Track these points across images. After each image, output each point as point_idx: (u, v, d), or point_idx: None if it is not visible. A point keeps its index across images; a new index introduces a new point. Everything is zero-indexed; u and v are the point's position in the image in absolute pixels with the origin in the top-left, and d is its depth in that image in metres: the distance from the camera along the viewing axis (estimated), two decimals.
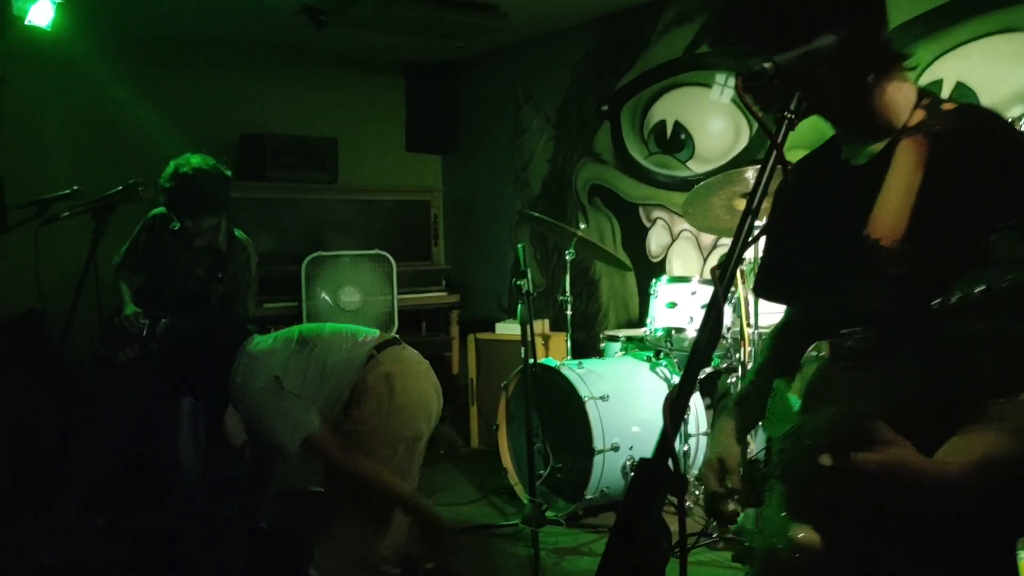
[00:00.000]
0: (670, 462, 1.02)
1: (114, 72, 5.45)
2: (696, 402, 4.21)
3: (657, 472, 1.02)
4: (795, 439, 1.22)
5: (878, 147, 1.31)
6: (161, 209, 3.67)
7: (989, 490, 1.11)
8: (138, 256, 3.73)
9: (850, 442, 1.07)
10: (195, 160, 3.57)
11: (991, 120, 1.27)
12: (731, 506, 1.42)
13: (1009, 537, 1.27)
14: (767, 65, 1.18)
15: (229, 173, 3.67)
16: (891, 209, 1.24)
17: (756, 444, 1.48)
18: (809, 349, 1.26)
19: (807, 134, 4.53)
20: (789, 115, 1.21)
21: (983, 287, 0.86)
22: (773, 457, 1.34)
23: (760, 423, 1.49)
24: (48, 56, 5.18)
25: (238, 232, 3.77)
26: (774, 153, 1.19)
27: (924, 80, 4.27)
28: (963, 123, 1.25)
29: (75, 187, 3.23)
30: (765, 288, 1.64)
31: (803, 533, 1.17)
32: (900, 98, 1.31)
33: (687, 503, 4.03)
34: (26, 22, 4.37)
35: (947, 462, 1.09)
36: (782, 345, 1.60)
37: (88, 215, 3.03)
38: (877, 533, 1.22)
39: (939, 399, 0.93)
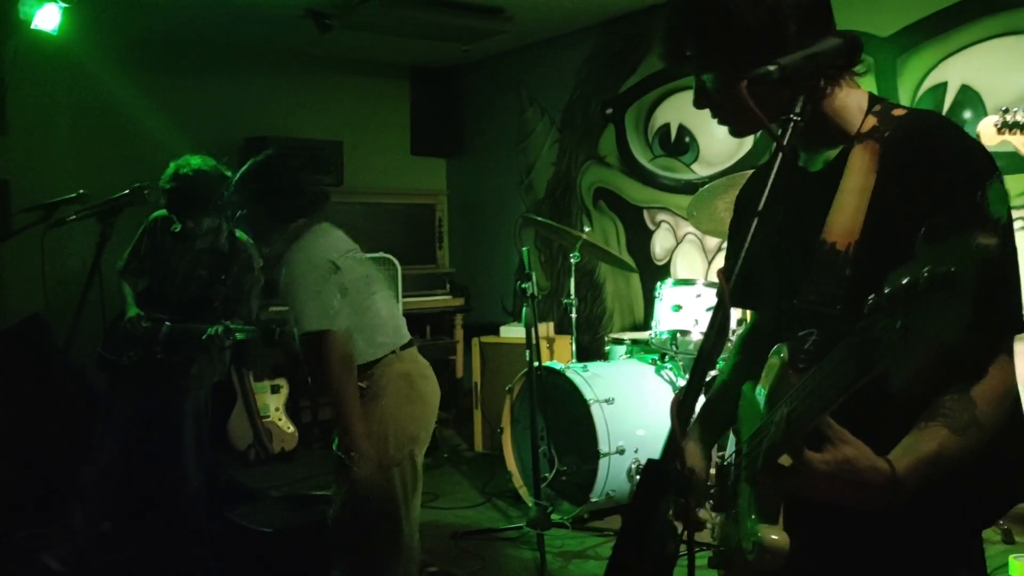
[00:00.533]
0: (677, 463, 1.01)
1: (119, 76, 5.47)
2: (701, 404, 4.20)
3: (664, 473, 1.02)
4: (758, 441, 1.23)
5: (832, 154, 1.33)
6: (162, 212, 3.67)
7: (940, 486, 1.12)
8: (140, 260, 3.73)
9: (803, 441, 1.08)
10: (195, 161, 3.58)
11: (940, 124, 1.29)
12: (700, 514, 1.45)
13: (971, 529, 1.29)
14: (771, 68, 1.18)
15: (229, 173, 3.66)
16: (846, 213, 1.26)
17: (729, 448, 1.48)
18: (771, 352, 1.27)
19: None
20: (795, 117, 1.22)
21: (906, 279, 0.87)
22: (742, 460, 1.35)
23: (730, 430, 1.49)
24: (54, 60, 5.20)
25: (240, 233, 3.76)
26: (780, 156, 1.20)
27: (929, 83, 4.27)
28: (913, 128, 1.27)
29: (81, 191, 3.23)
30: (730, 295, 1.63)
31: (772, 534, 1.17)
32: (851, 104, 1.32)
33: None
34: (32, 26, 4.39)
35: (893, 459, 1.10)
36: (748, 351, 1.61)
37: (94, 219, 3.03)
38: (839, 531, 1.23)
39: (877, 396, 0.92)
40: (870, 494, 1.09)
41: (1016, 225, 3.58)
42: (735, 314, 4.07)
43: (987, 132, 3.18)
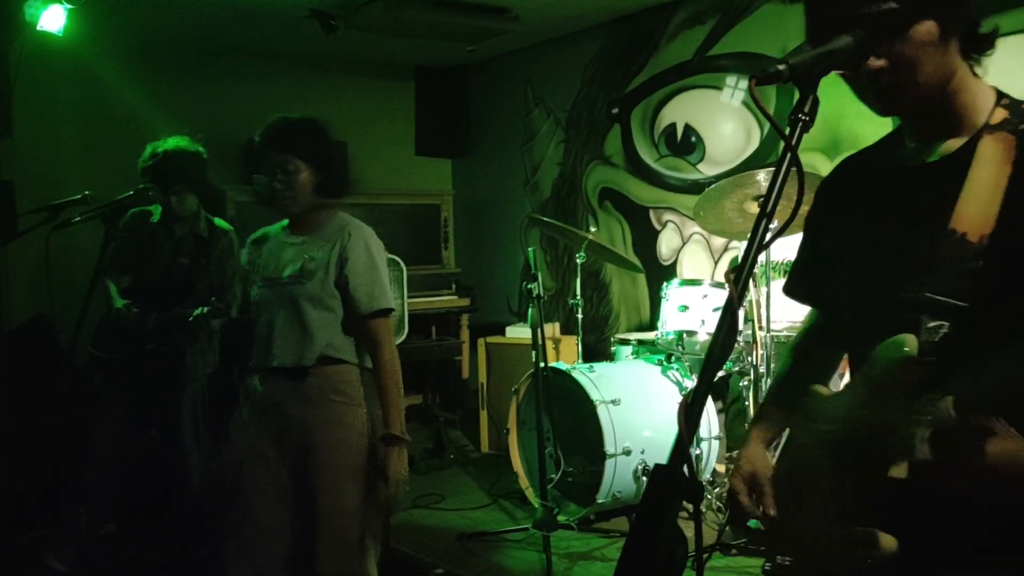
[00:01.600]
0: (685, 468, 1.00)
1: (124, 77, 5.47)
2: (708, 406, 4.19)
3: (673, 478, 1.01)
4: (862, 438, 1.20)
5: (955, 144, 1.30)
6: (137, 208, 3.69)
7: None
8: (122, 257, 3.72)
9: (954, 436, 1.05)
10: (171, 140, 3.65)
11: None
12: (753, 522, 1.43)
13: None
14: (781, 67, 1.17)
15: (203, 150, 3.74)
16: (978, 204, 1.22)
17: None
18: (885, 342, 1.22)
19: (821, 132, 4.47)
20: (803, 117, 1.19)
21: None
22: (821, 459, 1.32)
23: (786, 431, 1.47)
24: (59, 61, 5.20)
25: (218, 220, 3.81)
26: (788, 155, 1.18)
27: None
28: None
29: (86, 192, 3.23)
30: (800, 288, 1.61)
31: (880, 536, 1.15)
32: (980, 96, 1.30)
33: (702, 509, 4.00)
34: (38, 28, 4.39)
35: None
36: (809, 356, 1.59)
37: (99, 220, 3.03)
38: (963, 534, 1.20)
39: None
40: None
41: None
42: (740, 316, 4.06)
43: None
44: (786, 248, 4.42)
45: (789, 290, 1.62)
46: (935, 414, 1.09)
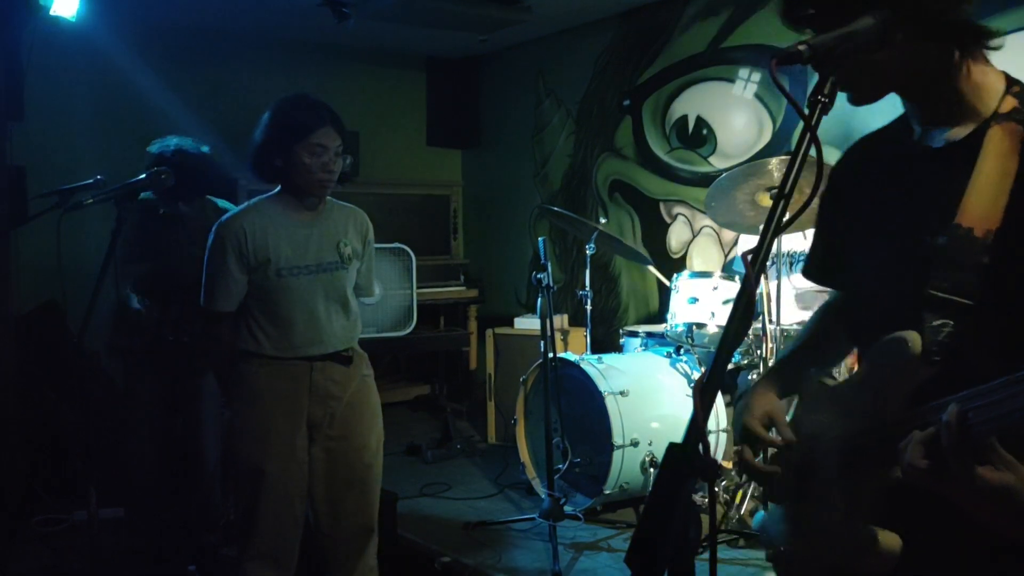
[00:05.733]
0: (700, 447, 1.00)
1: (137, 63, 5.47)
2: (717, 399, 4.18)
3: (687, 456, 1.00)
4: (878, 433, 1.17)
5: (961, 132, 1.26)
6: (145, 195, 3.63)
7: None
8: (132, 248, 3.64)
9: (948, 449, 1.01)
10: (173, 141, 3.56)
11: None
12: (768, 465, 1.42)
13: None
14: (802, 48, 1.16)
15: (207, 149, 3.66)
16: (984, 198, 1.18)
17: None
18: (889, 338, 1.20)
19: (834, 126, 4.45)
20: (823, 99, 1.18)
21: None
22: (828, 452, 1.30)
23: (792, 401, 1.45)
24: (72, 46, 5.20)
25: (223, 202, 3.71)
26: (808, 137, 1.17)
27: None
28: None
29: (98, 176, 3.23)
30: (817, 270, 1.58)
31: (888, 537, 1.13)
32: (988, 83, 1.26)
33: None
34: (51, 12, 4.39)
35: None
36: (827, 327, 1.56)
37: (111, 203, 3.02)
38: (970, 534, 1.14)
39: None
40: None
41: None
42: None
43: None
44: (795, 241, 4.40)
45: (806, 271, 1.60)
46: (933, 421, 1.06)
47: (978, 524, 1.06)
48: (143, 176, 3.13)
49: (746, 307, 1.10)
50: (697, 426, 1.01)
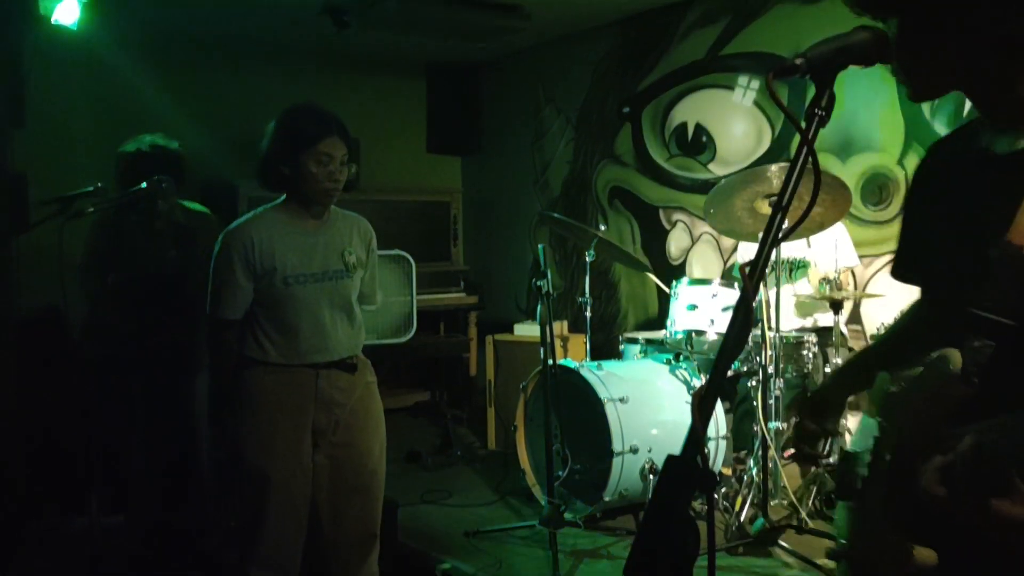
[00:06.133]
0: (699, 458, 1.00)
1: (137, 70, 5.49)
2: (716, 406, 4.18)
3: (686, 467, 1.01)
4: (911, 450, 1.15)
5: (1022, 142, 1.20)
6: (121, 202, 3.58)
7: None
8: (101, 256, 3.60)
9: (987, 481, 0.98)
10: (148, 138, 3.54)
11: None
12: (816, 447, 1.43)
13: None
14: (798, 61, 1.17)
15: (177, 144, 3.63)
16: None
17: (855, 432, 1.40)
18: (934, 355, 1.17)
19: (832, 134, 4.45)
20: (820, 112, 1.19)
21: None
22: (880, 460, 1.28)
23: (862, 395, 1.42)
24: (73, 54, 5.21)
25: (193, 204, 3.67)
26: (804, 149, 1.18)
27: None
28: None
29: (98, 183, 3.24)
30: (897, 268, 1.52)
31: (922, 552, 1.12)
32: None
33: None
34: (52, 21, 4.41)
35: None
36: (908, 330, 1.52)
37: (113, 211, 3.04)
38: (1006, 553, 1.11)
39: None
40: None
41: None
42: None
43: None
44: (795, 248, 4.42)
45: (892, 271, 1.54)
46: (954, 448, 1.03)
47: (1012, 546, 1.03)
48: (143, 185, 3.14)
49: (744, 319, 1.11)
50: (696, 437, 1.02)
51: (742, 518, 3.75)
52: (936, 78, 1.23)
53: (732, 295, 4.15)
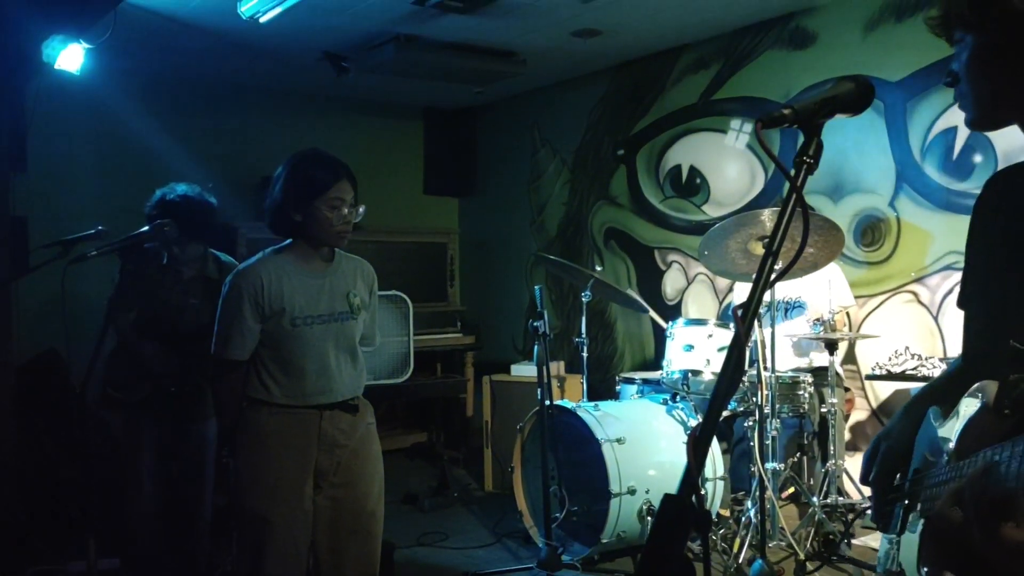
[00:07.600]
0: (694, 499, 1.02)
1: (140, 115, 5.57)
2: (713, 447, 4.19)
3: (682, 508, 1.03)
4: (937, 479, 1.15)
5: None
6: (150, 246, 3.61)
7: None
8: (125, 296, 3.58)
9: (995, 505, 0.98)
10: (181, 187, 3.57)
11: None
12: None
13: None
14: (786, 111, 1.21)
15: (214, 200, 3.66)
16: None
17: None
18: (973, 387, 1.17)
19: (824, 177, 4.51)
20: (808, 160, 1.22)
21: None
22: (916, 488, 1.27)
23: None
24: (74, 98, 5.29)
25: (225, 256, 3.70)
26: (794, 197, 1.21)
27: (939, 127, 4.31)
28: None
29: (99, 227, 3.26)
30: (962, 299, 1.49)
31: None
32: None
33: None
34: (55, 67, 4.46)
35: None
36: (962, 366, 1.49)
37: (114, 255, 3.06)
38: None
39: None
40: None
41: None
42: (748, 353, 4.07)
43: None
44: (788, 289, 4.45)
45: (957, 301, 1.51)
46: (966, 475, 1.03)
47: None
48: (146, 228, 3.16)
49: (737, 362, 1.14)
50: (691, 478, 1.04)
51: (740, 560, 3.74)
52: (1001, 107, 1.24)
53: (728, 335, 4.17)
